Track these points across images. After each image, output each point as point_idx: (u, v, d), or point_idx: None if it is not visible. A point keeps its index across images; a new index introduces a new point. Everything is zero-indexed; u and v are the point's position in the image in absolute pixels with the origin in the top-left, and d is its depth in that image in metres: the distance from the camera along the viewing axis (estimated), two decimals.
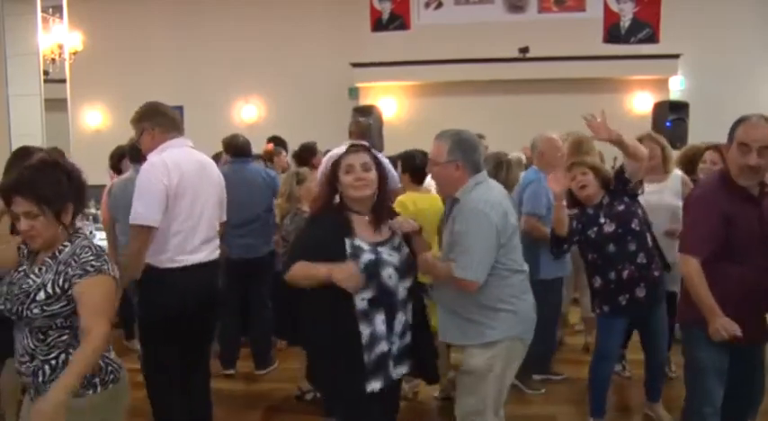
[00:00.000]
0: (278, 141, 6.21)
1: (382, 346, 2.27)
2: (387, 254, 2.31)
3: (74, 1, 7.06)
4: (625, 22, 8.67)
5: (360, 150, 2.40)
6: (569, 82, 8.35)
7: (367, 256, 2.26)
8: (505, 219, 2.53)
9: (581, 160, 3.59)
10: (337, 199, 2.39)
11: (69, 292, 1.95)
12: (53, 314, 1.95)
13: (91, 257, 1.98)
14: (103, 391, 2.04)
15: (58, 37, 6.97)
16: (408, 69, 8.82)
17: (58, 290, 1.95)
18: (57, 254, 2.01)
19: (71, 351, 1.99)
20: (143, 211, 2.90)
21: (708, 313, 2.42)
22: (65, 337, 1.99)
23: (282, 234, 4.03)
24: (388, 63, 8.73)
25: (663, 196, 3.87)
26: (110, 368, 2.08)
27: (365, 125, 4.92)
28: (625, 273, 3.31)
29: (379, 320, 2.27)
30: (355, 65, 8.84)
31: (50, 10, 6.79)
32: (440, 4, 9.01)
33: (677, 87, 8.65)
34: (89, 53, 8.11)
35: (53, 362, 1.98)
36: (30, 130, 6.03)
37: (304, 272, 2.27)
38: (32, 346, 1.98)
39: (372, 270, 2.25)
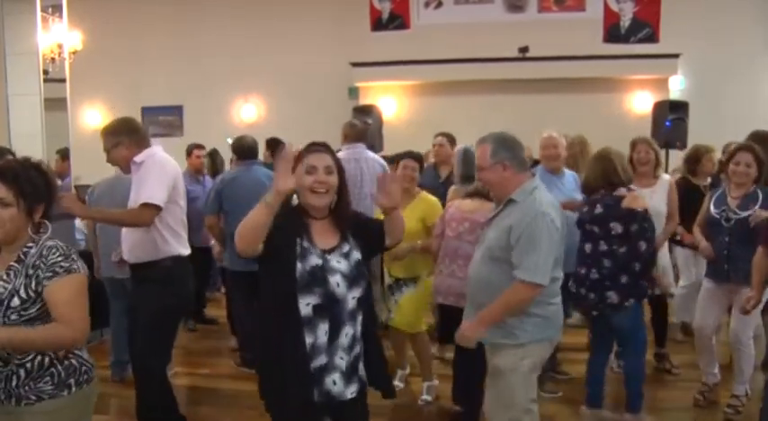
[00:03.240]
0: (276, 142, 6.19)
1: (321, 359, 2.14)
2: (335, 260, 2.18)
3: (73, 0, 7.05)
4: (625, 22, 8.67)
5: (323, 151, 2.23)
6: (569, 82, 8.36)
7: (314, 260, 2.15)
8: (562, 225, 2.56)
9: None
10: (295, 200, 2.25)
11: (42, 294, 1.93)
12: (31, 318, 1.93)
13: (59, 258, 1.96)
14: (78, 391, 2.03)
15: (58, 36, 6.95)
16: (408, 69, 8.84)
17: (32, 293, 1.92)
18: (22, 257, 1.96)
19: (47, 352, 1.98)
20: (159, 193, 3.09)
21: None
22: None
23: None
24: (387, 62, 8.75)
25: (652, 202, 3.76)
26: (83, 368, 2.06)
27: (361, 129, 4.82)
28: (584, 270, 3.38)
29: (322, 331, 2.13)
30: (355, 64, 8.86)
31: (50, 9, 6.77)
32: (439, 4, 9.01)
33: (677, 87, 8.65)
34: (89, 52, 8.11)
35: (28, 365, 1.96)
36: (29, 130, 6.02)
37: (246, 220, 2.07)
38: (8, 351, 1.92)
39: (319, 275, 2.13)
